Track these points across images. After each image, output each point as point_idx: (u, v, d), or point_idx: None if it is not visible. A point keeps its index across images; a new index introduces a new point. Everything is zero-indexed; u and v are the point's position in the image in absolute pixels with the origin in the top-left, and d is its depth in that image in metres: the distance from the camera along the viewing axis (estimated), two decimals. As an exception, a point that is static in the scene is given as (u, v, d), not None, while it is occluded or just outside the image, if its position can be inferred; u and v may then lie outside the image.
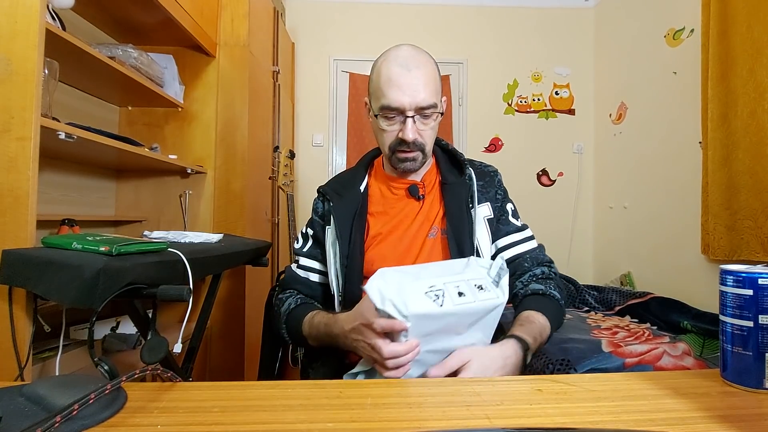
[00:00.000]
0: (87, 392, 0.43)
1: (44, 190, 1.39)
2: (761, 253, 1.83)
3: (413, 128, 0.84)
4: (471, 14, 3.34)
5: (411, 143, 0.85)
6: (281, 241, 2.47)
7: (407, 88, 0.82)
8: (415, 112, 0.83)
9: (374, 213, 0.93)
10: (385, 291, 0.64)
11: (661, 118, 2.61)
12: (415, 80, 0.82)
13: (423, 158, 0.89)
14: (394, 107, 0.83)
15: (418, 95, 0.82)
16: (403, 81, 0.82)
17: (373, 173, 0.99)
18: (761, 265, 0.56)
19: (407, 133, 0.83)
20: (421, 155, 0.88)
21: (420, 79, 0.82)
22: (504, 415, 0.48)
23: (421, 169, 0.93)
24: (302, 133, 3.26)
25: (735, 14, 1.95)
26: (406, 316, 0.62)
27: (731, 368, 0.55)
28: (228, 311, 1.87)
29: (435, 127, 0.89)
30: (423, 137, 0.86)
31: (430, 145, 0.90)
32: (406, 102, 0.82)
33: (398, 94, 0.82)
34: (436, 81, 0.86)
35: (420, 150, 0.87)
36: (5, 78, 0.95)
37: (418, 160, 0.88)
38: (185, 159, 1.80)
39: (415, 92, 0.82)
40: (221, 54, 1.92)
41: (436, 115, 0.86)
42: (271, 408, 0.49)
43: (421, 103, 0.83)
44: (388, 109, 0.84)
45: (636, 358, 1.65)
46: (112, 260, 0.86)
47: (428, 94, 0.83)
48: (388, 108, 0.84)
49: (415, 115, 0.83)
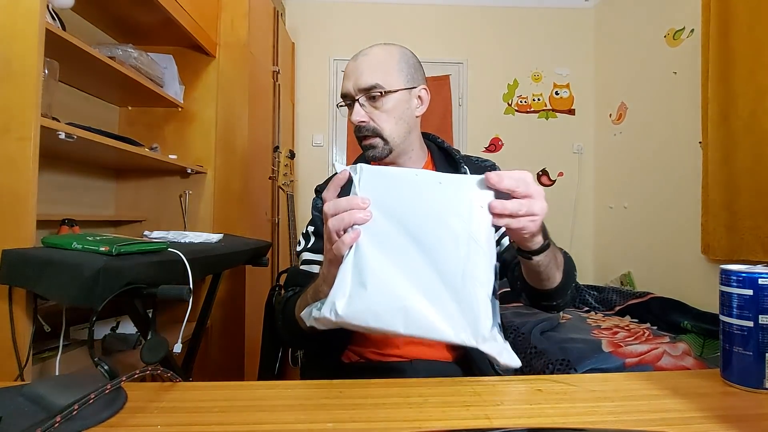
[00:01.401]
0: (87, 392, 0.43)
1: (44, 190, 1.38)
2: (761, 253, 1.83)
3: (359, 111, 0.84)
4: (471, 14, 3.34)
5: (362, 128, 0.85)
6: (281, 241, 2.47)
7: (351, 74, 0.85)
8: (359, 94, 0.84)
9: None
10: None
11: (661, 118, 2.61)
12: (360, 65, 0.85)
13: (385, 144, 0.86)
14: (343, 93, 0.87)
15: (360, 77, 0.84)
16: (349, 68, 0.86)
17: None
18: (761, 265, 0.56)
19: (353, 116, 0.85)
20: (381, 141, 0.86)
21: (364, 64, 0.85)
22: (504, 415, 0.48)
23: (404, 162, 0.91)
24: (302, 133, 3.26)
25: (735, 14, 1.95)
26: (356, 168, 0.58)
27: (731, 368, 0.55)
28: (228, 311, 1.87)
29: (393, 110, 0.85)
30: (376, 120, 0.85)
31: (391, 129, 0.86)
32: (350, 86, 0.85)
33: (345, 81, 0.86)
34: (387, 63, 0.85)
35: (377, 135, 0.86)
36: (5, 78, 0.95)
37: (379, 146, 0.86)
38: (185, 159, 1.80)
39: (358, 75, 0.84)
40: (221, 54, 1.92)
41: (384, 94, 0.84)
42: (271, 408, 0.49)
43: (361, 84, 0.83)
44: (342, 97, 0.88)
45: (636, 358, 1.65)
46: (112, 260, 0.86)
47: (369, 75, 0.84)
48: (342, 96, 0.87)
49: (359, 97, 0.84)
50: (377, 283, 0.54)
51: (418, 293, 0.54)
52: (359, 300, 0.54)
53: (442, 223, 0.55)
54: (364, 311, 0.54)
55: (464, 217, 0.55)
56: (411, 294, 0.54)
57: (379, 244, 0.55)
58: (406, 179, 0.57)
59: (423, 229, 0.55)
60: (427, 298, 0.54)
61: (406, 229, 0.55)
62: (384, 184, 0.57)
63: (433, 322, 0.54)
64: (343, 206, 0.56)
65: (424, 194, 0.56)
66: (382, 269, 0.55)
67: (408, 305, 0.54)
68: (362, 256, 0.55)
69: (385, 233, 0.56)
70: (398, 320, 0.54)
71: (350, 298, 0.54)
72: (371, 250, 0.55)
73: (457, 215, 0.55)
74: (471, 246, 0.55)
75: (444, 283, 0.54)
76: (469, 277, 0.54)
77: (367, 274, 0.54)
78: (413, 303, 0.54)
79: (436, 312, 0.54)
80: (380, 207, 0.56)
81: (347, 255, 0.56)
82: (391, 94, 0.84)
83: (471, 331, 0.54)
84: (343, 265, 0.56)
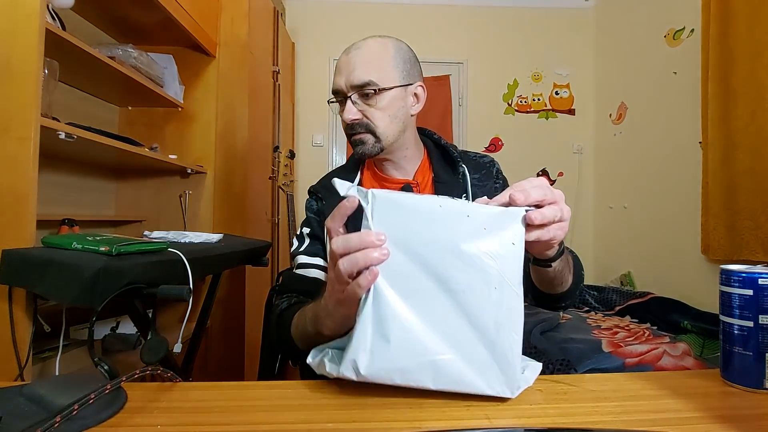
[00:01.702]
0: (87, 392, 0.43)
1: (44, 190, 1.38)
2: (761, 253, 1.83)
3: (351, 108, 0.82)
4: (471, 14, 3.34)
5: (354, 125, 0.83)
6: (281, 241, 2.47)
7: (344, 69, 0.82)
8: (352, 91, 0.82)
9: None
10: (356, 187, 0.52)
11: (661, 118, 2.61)
12: (352, 60, 0.82)
13: (376, 141, 0.84)
14: (334, 89, 0.84)
15: (352, 74, 0.81)
16: (341, 62, 0.83)
17: (366, 171, 0.96)
18: (761, 265, 0.56)
19: (345, 114, 0.82)
20: (371, 138, 0.83)
21: (357, 59, 0.81)
22: (504, 415, 0.48)
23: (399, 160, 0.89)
24: (302, 133, 3.26)
25: (735, 14, 1.95)
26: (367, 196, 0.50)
27: (731, 368, 0.55)
28: (228, 311, 1.87)
29: (387, 108, 0.83)
30: (370, 117, 0.83)
31: (384, 127, 0.83)
32: (342, 82, 0.82)
33: (337, 76, 0.83)
34: (380, 59, 0.82)
35: (369, 131, 0.83)
36: (5, 78, 0.95)
37: (369, 143, 0.84)
38: (185, 159, 1.80)
39: (350, 71, 0.81)
40: (221, 54, 1.92)
41: (378, 91, 0.81)
42: (271, 408, 0.49)
43: (354, 81, 0.81)
44: (334, 93, 0.84)
45: (636, 358, 1.65)
46: (112, 260, 0.86)
47: (363, 71, 0.81)
48: (333, 92, 0.84)
49: (351, 94, 0.82)
50: (402, 335, 0.48)
51: (447, 344, 0.49)
52: (383, 356, 0.49)
53: (471, 262, 0.48)
54: (389, 369, 0.49)
55: (495, 257, 0.49)
56: (439, 346, 0.49)
57: (400, 287, 0.49)
58: (427, 209, 0.49)
59: (448, 269, 0.49)
60: (458, 350, 0.49)
61: (428, 269, 0.49)
62: (401, 214, 0.49)
63: (464, 375, 0.49)
64: (356, 244, 0.49)
65: (449, 228, 0.49)
66: (406, 318, 0.49)
67: (437, 359, 0.49)
68: (382, 303, 0.49)
69: (405, 274, 0.49)
70: (427, 376, 0.49)
71: (372, 355, 0.49)
72: (391, 294, 0.49)
73: (487, 254, 0.49)
74: (504, 290, 0.49)
75: (475, 331, 0.49)
76: (503, 324, 0.49)
77: (389, 326, 0.48)
78: (443, 356, 0.49)
79: (467, 364, 0.49)
80: (397, 242, 0.49)
81: (365, 301, 0.49)
82: (385, 92, 0.81)
83: (506, 381, 0.49)
84: (362, 315, 0.49)
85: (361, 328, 0.49)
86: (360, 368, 0.49)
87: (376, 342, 0.49)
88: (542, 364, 0.58)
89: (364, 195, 0.50)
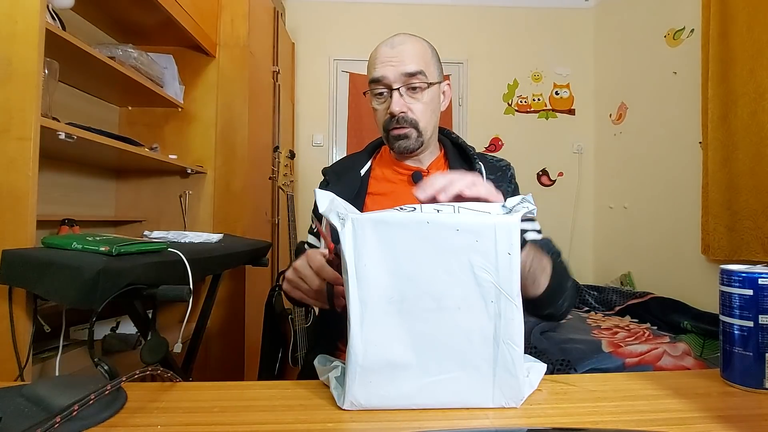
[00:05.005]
0: (87, 392, 0.43)
1: (44, 190, 1.38)
2: (761, 253, 1.83)
3: (399, 101, 0.82)
4: (471, 14, 3.34)
5: (400, 118, 0.83)
6: (281, 242, 2.47)
7: (392, 60, 0.82)
8: (401, 83, 0.82)
9: (373, 194, 0.91)
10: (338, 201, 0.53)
11: (661, 118, 2.61)
12: (400, 53, 0.83)
13: (418, 136, 0.85)
14: (380, 79, 0.83)
15: (402, 64, 0.82)
16: (386, 55, 0.83)
17: (378, 158, 0.97)
18: (761, 265, 0.56)
19: (394, 106, 0.82)
20: (415, 132, 0.84)
21: (405, 52, 0.83)
22: (504, 415, 0.48)
23: (422, 154, 0.90)
24: (302, 133, 3.26)
25: (735, 15, 1.95)
26: (344, 218, 0.48)
27: (731, 368, 0.55)
28: (228, 311, 1.87)
29: (429, 103, 0.85)
30: (414, 112, 0.84)
31: (426, 122, 0.85)
32: (390, 73, 0.82)
33: (383, 67, 0.83)
34: (425, 55, 0.85)
35: (413, 126, 0.84)
36: (5, 78, 0.95)
37: (412, 137, 0.85)
38: (185, 159, 1.80)
39: (400, 62, 0.82)
40: (221, 54, 1.92)
41: (427, 86, 0.83)
42: (271, 408, 0.49)
43: (406, 70, 0.81)
44: (376, 82, 0.84)
45: (636, 358, 1.65)
46: (112, 260, 0.86)
47: (414, 62, 0.82)
48: (375, 81, 0.84)
49: (401, 86, 0.82)
50: (399, 361, 0.48)
51: (447, 364, 0.48)
52: (381, 384, 0.48)
53: (464, 278, 0.47)
54: (392, 397, 0.48)
55: (490, 269, 0.47)
56: (439, 367, 0.48)
57: (392, 311, 0.48)
58: (415, 227, 0.48)
59: (441, 287, 0.48)
60: (459, 368, 0.48)
61: (420, 289, 0.48)
62: (388, 235, 0.48)
63: (468, 393, 0.49)
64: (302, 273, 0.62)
65: (439, 245, 0.47)
66: (401, 342, 0.48)
67: (438, 380, 0.48)
68: (374, 329, 0.48)
69: (396, 297, 0.48)
70: (428, 397, 0.48)
71: (369, 387, 0.48)
72: (384, 319, 0.48)
73: (481, 267, 0.47)
74: (502, 302, 0.48)
75: (475, 347, 0.48)
76: (502, 338, 0.48)
77: (384, 353, 0.48)
78: (443, 376, 0.48)
79: (469, 382, 0.48)
80: (386, 264, 0.48)
81: (355, 331, 0.48)
82: (431, 86, 0.84)
83: (510, 394, 0.49)
84: (353, 342, 0.48)
85: (353, 358, 0.48)
86: (361, 400, 0.48)
87: (372, 374, 0.48)
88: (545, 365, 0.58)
89: (340, 219, 0.49)
